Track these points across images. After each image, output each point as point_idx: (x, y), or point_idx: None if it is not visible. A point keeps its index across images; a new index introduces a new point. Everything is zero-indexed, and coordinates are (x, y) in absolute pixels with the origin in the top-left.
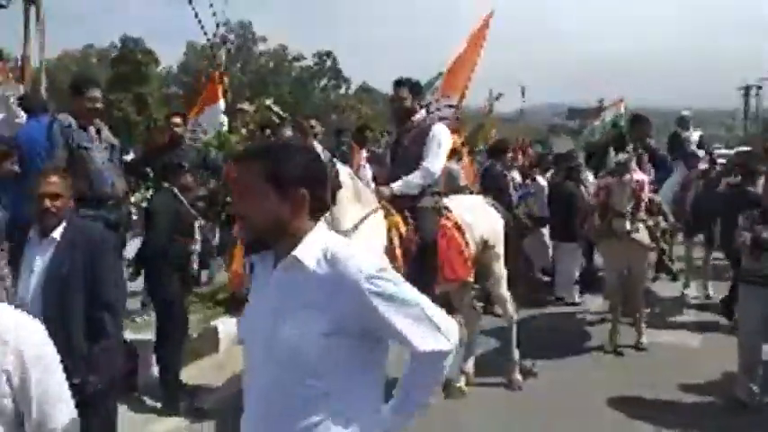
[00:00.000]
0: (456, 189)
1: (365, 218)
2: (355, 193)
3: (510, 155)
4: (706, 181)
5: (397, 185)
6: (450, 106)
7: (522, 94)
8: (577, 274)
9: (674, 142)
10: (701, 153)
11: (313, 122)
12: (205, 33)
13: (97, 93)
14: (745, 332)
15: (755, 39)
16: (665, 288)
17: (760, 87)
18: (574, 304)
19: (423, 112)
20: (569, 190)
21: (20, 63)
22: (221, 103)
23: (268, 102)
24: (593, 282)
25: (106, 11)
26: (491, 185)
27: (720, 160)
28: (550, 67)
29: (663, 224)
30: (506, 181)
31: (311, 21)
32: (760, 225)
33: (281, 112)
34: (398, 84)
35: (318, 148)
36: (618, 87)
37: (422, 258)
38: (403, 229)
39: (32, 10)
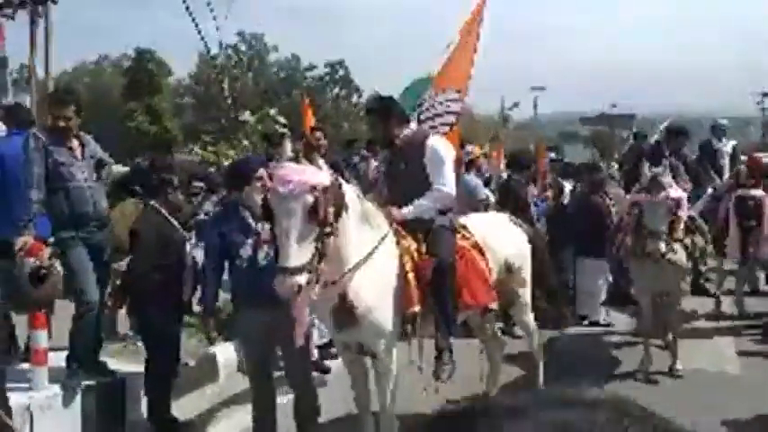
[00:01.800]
0: (475, 206)
1: (378, 245)
2: (363, 215)
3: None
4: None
5: (409, 210)
6: (452, 101)
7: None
8: (604, 291)
9: (705, 152)
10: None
11: (318, 135)
12: (206, 45)
13: (67, 111)
14: None
15: None
16: (694, 304)
17: None
18: (599, 324)
19: (412, 125)
20: (595, 204)
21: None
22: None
23: (272, 112)
24: (621, 299)
25: (121, 22)
26: (509, 198)
27: None
28: (561, 74)
29: (700, 242)
30: (526, 193)
31: (322, 29)
32: None
33: (284, 122)
34: (368, 112)
35: (324, 166)
36: (631, 95)
37: (438, 284)
38: (416, 253)
39: (41, 22)
